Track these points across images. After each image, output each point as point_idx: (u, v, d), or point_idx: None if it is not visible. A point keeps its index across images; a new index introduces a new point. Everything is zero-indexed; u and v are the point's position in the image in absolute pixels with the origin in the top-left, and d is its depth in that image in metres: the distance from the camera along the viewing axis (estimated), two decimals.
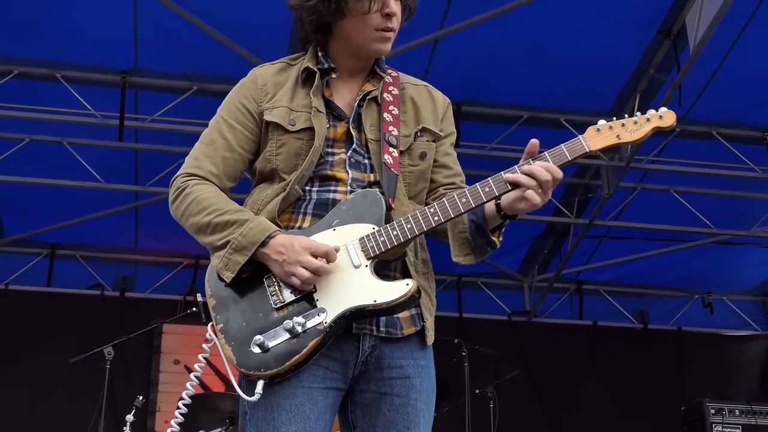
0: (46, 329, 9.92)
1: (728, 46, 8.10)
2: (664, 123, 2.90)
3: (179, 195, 2.99)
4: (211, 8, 7.69)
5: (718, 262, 10.77)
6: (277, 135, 2.99)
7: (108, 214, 9.80)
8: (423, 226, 2.83)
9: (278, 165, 2.98)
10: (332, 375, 2.86)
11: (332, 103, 3.04)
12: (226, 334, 2.83)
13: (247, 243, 2.83)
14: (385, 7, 2.99)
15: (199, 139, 3.10)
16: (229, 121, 3.05)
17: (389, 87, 3.11)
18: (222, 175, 3.01)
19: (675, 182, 9.50)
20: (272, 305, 2.82)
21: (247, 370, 2.78)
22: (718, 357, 11.18)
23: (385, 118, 3.03)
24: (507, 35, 8.01)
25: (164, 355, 10.12)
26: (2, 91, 8.26)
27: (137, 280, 10.71)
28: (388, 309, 2.80)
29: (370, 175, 2.99)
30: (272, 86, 3.08)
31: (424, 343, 3.01)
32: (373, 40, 3.03)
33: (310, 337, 2.75)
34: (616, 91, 8.65)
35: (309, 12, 3.03)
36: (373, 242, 2.83)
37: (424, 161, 3.08)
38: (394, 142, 3.01)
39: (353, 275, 2.82)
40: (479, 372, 8.20)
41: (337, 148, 3.00)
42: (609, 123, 2.90)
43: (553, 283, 10.65)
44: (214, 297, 2.91)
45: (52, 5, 7.69)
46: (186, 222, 2.98)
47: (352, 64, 3.10)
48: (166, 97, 8.49)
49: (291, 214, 2.97)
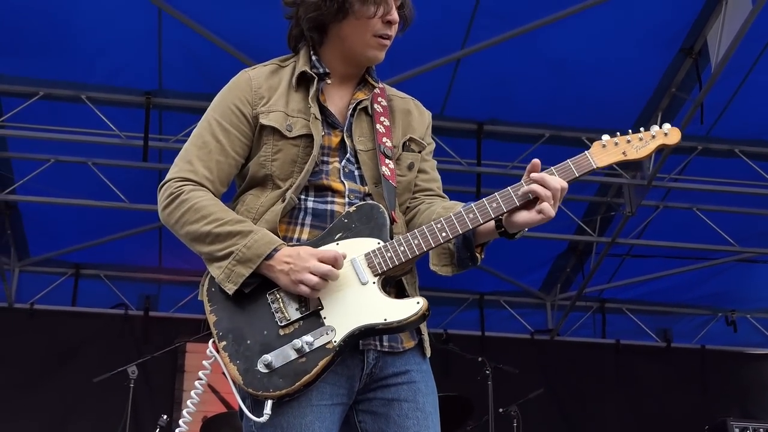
0: (71, 348, 9.97)
1: (750, 63, 8.10)
2: (669, 140, 2.89)
3: (173, 200, 2.88)
4: (234, 29, 7.75)
5: (741, 280, 10.72)
6: (273, 140, 2.91)
7: (132, 234, 9.86)
8: (431, 242, 2.78)
9: (273, 171, 2.90)
10: (339, 391, 2.81)
11: (327, 110, 2.98)
12: (229, 353, 2.75)
13: (252, 255, 2.75)
14: (387, 14, 2.94)
15: (190, 141, 2.99)
16: (223, 124, 2.94)
17: (378, 98, 3.07)
18: (216, 180, 2.92)
19: (697, 200, 9.48)
20: (277, 323, 2.74)
21: (255, 390, 2.70)
22: (742, 375, 11.12)
23: (378, 129, 2.98)
24: (529, 55, 8.03)
25: (188, 374, 10.13)
26: (29, 112, 8.36)
27: (161, 299, 10.76)
28: (399, 327, 2.75)
29: (363, 187, 2.94)
30: (266, 89, 2.98)
31: (423, 354, 2.97)
32: (370, 45, 2.96)
33: (319, 357, 2.68)
34: (638, 110, 8.66)
35: (309, 9, 2.96)
36: (380, 258, 2.78)
37: (411, 172, 3.06)
38: (390, 153, 2.98)
39: (361, 292, 2.76)
40: (503, 390, 8.18)
41: (332, 156, 2.94)
42: (614, 139, 2.88)
43: (576, 301, 10.63)
44: (214, 313, 2.81)
45: (77, 28, 7.77)
46: (181, 229, 2.87)
47: (344, 70, 3.04)
48: (190, 117, 8.53)
49: (288, 225, 2.89)
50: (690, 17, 7.84)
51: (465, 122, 8.81)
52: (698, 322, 11.43)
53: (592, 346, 11.10)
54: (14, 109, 8.36)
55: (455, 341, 8.76)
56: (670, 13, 7.80)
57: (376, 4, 2.91)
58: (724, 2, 7.57)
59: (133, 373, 7.65)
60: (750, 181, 9.10)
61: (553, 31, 7.78)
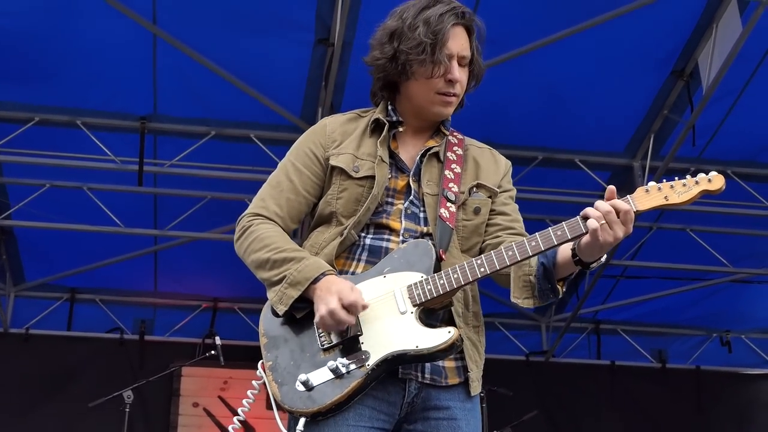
0: (67, 373, 9.96)
1: (741, 85, 8.15)
2: (713, 186, 2.92)
3: (244, 233, 3.10)
4: (229, 54, 7.80)
5: (735, 301, 10.75)
6: (340, 180, 3.09)
7: (127, 258, 9.86)
8: (469, 276, 2.90)
9: (338, 209, 3.08)
10: (379, 416, 2.92)
11: (396, 155, 3.15)
12: (274, 372, 2.92)
13: (301, 278, 2.92)
14: (448, 73, 3.09)
15: (267, 181, 3.21)
16: (297, 165, 3.16)
17: (453, 147, 3.21)
18: (286, 216, 3.12)
19: (691, 221, 9.51)
20: (320, 346, 2.90)
21: (290, 407, 2.86)
22: (738, 396, 11.13)
23: (446, 175, 3.12)
24: (521, 78, 8.08)
25: (183, 398, 10.13)
26: (24, 137, 8.38)
27: (156, 323, 10.75)
28: (430, 355, 2.86)
29: (423, 228, 3.07)
30: (340, 134, 3.18)
31: (468, 393, 3.06)
32: (434, 103, 3.13)
33: (352, 379, 2.83)
34: (630, 132, 8.70)
35: (378, 70, 3.16)
36: (420, 290, 2.91)
37: (478, 216, 3.16)
38: (453, 198, 3.09)
39: (398, 321, 2.89)
40: (497, 413, 8.19)
41: (397, 198, 3.10)
42: (658, 185, 2.93)
43: (571, 322, 10.65)
44: (266, 336, 3.00)
45: (72, 54, 7.81)
46: (247, 258, 3.08)
47: (417, 122, 3.20)
48: (185, 142, 8.58)
49: (345, 259, 3.06)
50: (681, 40, 7.90)
51: None
52: (693, 343, 11.44)
53: (587, 368, 11.11)
54: (9, 135, 8.37)
55: None
56: (661, 36, 7.87)
57: (434, 65, 3.06)
58: (714, 25, 7.63)
59: (129, 397, 7.65)
60: (743, 202, 9.12)
61: (546, 55, 7.83)
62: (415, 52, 3.04)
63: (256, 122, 8.46)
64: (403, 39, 3.07)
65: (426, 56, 3.04)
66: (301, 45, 7.80)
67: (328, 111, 7.97)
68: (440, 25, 3.05)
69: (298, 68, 7.98)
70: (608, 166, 9.04)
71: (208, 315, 10.62)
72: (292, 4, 7.51)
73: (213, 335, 8.82)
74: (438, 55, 3.04)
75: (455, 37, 3.10)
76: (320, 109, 8.07)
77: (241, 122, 8.47)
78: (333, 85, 7.77)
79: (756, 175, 9.11)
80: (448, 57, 3.07)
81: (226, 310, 10.59)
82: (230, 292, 10.26)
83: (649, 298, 10.60)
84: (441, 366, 3.00)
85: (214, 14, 7.59)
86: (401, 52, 3.06)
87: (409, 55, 3.05)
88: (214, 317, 10.55)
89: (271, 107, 8.10)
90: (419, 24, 3.05)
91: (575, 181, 8.94)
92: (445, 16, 3.07)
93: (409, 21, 3.07)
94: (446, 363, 3.01)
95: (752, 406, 11.16)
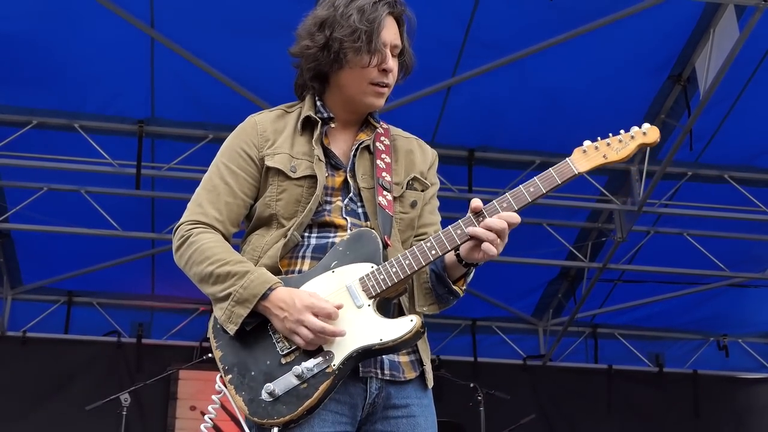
0: (64, 376, 9.96)
1: (738, 90, 8.16)
2: (648, 139, 2.93)
3: (184, 243, 3.02)
4: (226, 58, 7.80)
5: (732, 305, 10.75)
6: (278, 181, 3.01)
7: (125, 261, 9.87)
8: (421, 260, 2.84)
9: (278, 210, 2.99)
10: (341, 419, 2.86)
11: (330, 152, 3.07)
12: (235, 385, 2.83)
13: (248, 295, 2.83)
14: (383, 63, 3.02)
15: (201, 185, 3.12)
16: (231, 167, 3.07)
17: (381, 137, 3.14)
18: (226, 220, 3.03)
19: (688, 226, 9.52)
20: (279, 352, 2.82)
21: (260, 418, 2.78)
22: (734, 400, 11.13)
23: (378, 165, 3.06)
24: (518, 82, 8.09)
25: (180, 401, 10.12)
26: (21, 141, 8.38)
27: (153, 326, 10.75)
28: (394, 346, 2.81)
29: (365, 223, 3.01)
30: (272, 132, 3.09)
31: (425, 386, 3.03)
32: (367, 93, 3.06)
33: (319, 381, 2.76)
34: None
35: (308, 59, 3.08)
36: (373, 281, 2.85)
37: (414, 209, 3.11)
38: (388, 186, 3.05)
39: (356, 315, 2.83)
40: (495, 417, 8.18)
41: (334, 196, 3.03)
42: (595, 144, 2.94)
43: (568, 326, 10.65)
44: (219, 348, 2.92)
45: (70, 57, 7.81)
46: (189, 270, 3.00)
47: (346, 116, 3.13)
48: (182, 145, 8.59)
49: (290, 259, 2.98)
50: (678, 44, 7.91)
51: (456, 149, 8.85)
52: (690, 347, 11.45)
53: (584, 372, 11.12)
54: (7, 138, 8.37)
55: (447, 367, 8.78)
56: (658, 41, 7.88)
57: (369, 54, 2.99)
58: (711, 30, 7.64)
59: (126, 400, 7.64)
60: (740, 207, 9.15)
61: (543, 59, 7.84)
62: (350, 40, 2.96)
63: None
64: (336, 27, 2.99)
65: (362, 44, 2.96)
66: None
67: None
68: (374, 14, 2.99)
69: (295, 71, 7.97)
70: (605, 170, 9.04)
71: (206, 318, 10.57)
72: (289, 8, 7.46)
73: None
74: (375, 43, 2.98)
75: (388, 26, 3.04)
76: None
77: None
78: None
79: (753, 179, 9.12)
80: (383, 46, 3.01)
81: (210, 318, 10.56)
82: None
83: (646, 302, 10.61)
84: (397, 361, 2.95)
85: (212, 18, 7.59)
86: (335, 39, 2.99)
87: (344, 42, 2.97)
88: None
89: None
90: (352, 12, 2.98)
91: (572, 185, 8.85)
92: (379, 4, 3.01)
93: (341, 9, 3.00)
94: (401, 358, 2.96)
95: (749, 411, 11.16)
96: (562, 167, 2.92)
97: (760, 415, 11.15)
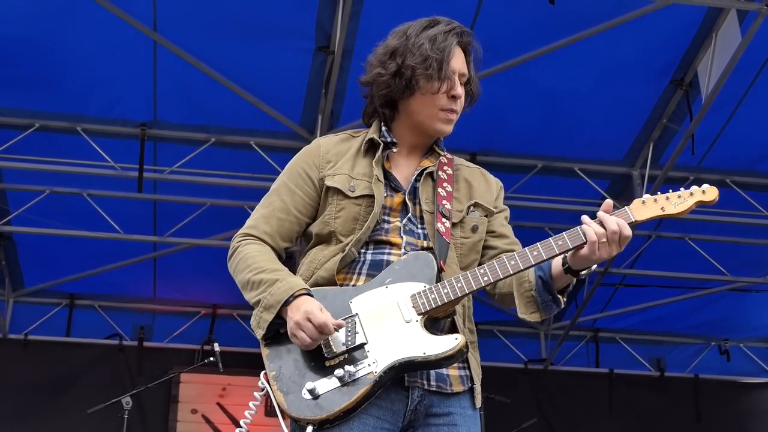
0: (65, 379, 9.96)
1: (740, 94, 8.17)
2: (707, 197, 3.09)
3: (233, 253, 3.16)
4: (229, 61, 7.81)
5: (733, 309, 10.76)
6: (336, 200, 3.12)
7: (126, 264, 9.87)
8: (473, 285, 2.94)
9: (336, 228, 3.11)
10: (383, 424, 2.93)
11: (390, 175, 3.18)
12: (278, 382, 2.93)
13: (273, 301, 2.95)
14: (452, 89, 3.14)
15: (260, 202, 3.25)
16: (289, 185, 3.19)
17: (444, 167, 3.25)
18: (276, 234, 3.15)
19: (689, 230, 9.52)
20: (325, 355, 2.91)
21: (297, 415, 2.87)
22: (736, 404, 11.13)
23: (439, 193, 3.16)
24: (521, 86, 8.10)
25: (182, 404, 10.12)
26: (24, 144, 8.39)
27: (155, 329, 10.74)
28: (437, 362, 2.90)
29: (423, 242, 3.11)
30: (334, 155, 3.21)
31: (473, 402, 3.10)
32: (436, 119, 3.17)
33: (360, 386, 2.85)
34: (629, 141, 8.72)
35: (380, 87, 3.18)
36: (423, 299, 2.94)
37: (475, 234, 3.20)
38: (447, 214, 3.13)
39: (404, 329, 2.92)
40: (496, 421, 8.18)
41: (393, 216, 3.13)
42: (654, 197, 3.05)
43: (569, 330, 10.65)
44: (268, 347, 3.02)
45: (72, 60, 7.82)
46: (236, 278, 3.13)
47: (413, 141, 3.24)
48: (185, 148, 8.59)
49: (346, 274, 3.08)
50: (680, 49, 7.92)
51: (458, 153, 8.72)
52: (691, 352, 11.44)
53: (585, 376, 11.11)
54: (9, 141, 8.38)
55: None
56: (660, 45, 7.88)
57: (440, 81, 3.11)
58: (714, 34, 7.65)
59: (128, 403, 7.64)
60: (741, 211, 9.14)
61: (545, 63, 7.85)
62: (422, 67, 3.08)
63: (255, 129, 8.48)
64: (408, 55, 3.11)
65: (433, 71, 3.08)
66: (302, 52, 7.82)
67: (328, 118, 7.99)
68: (445, 43, 3.13)
69: (298, 75, 7.99)
70: (607, 174, 9.05)
71: (207, 321, 10.62)
72: (292, 12, 7.52)
73: (212, 342, 8.83)
74: (445, 70, 3.10)
75: (457, 55, 3.18)
76: (320, 116, 8.09)
77: (240, 129, 8.48)
78: (333, 93, 7.78)
79: (755, 183, 9.12)
80: (452, 73, 3.13)
81: (225, 317, 10.59)
82: (229, 299, 10.26)
83: (647, 306, 10.61)
84: (445, 374, 3.03)
85: (214, 21, 7.60)
86: (407, 67, 3.10)
87: (416, 69, 3.09)
88: (213, 324, 10.55)
89: (270, 114, 8.12)
90: (424, 41, 3.11)
91: (574, 189, 8.96)
92: (449, 34, 3.16)
93: (413, 38, 3.13)
94: (450, 371, 3.05)
95: (750, 415, 11.16)
96: (619, 215, 3.01)
97: (762, 419, 11.15)
